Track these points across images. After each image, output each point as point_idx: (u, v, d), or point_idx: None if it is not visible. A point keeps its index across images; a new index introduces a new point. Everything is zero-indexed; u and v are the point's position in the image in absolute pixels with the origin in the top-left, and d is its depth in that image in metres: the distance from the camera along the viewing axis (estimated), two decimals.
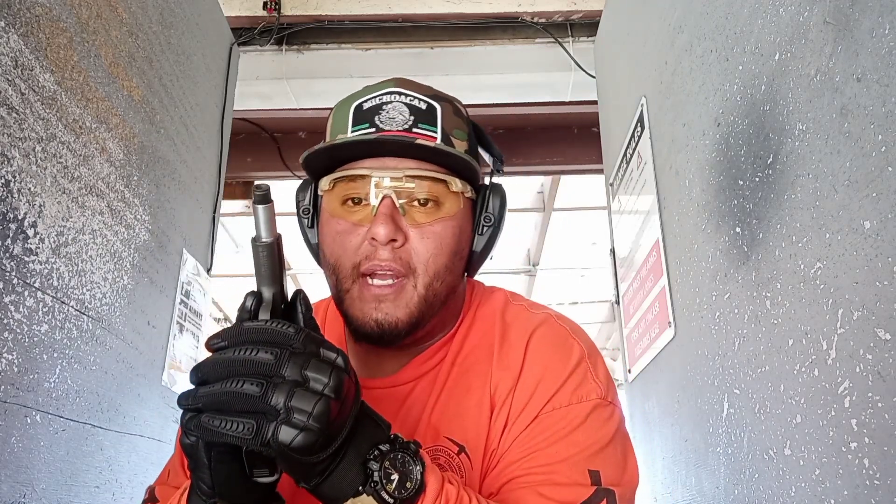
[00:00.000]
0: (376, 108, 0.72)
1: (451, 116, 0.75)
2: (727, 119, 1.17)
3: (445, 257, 0.72)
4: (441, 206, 0.72)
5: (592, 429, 0.69)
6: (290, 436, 0.48)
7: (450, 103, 0.76)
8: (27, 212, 1.19)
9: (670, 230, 1.47)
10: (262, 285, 0.58)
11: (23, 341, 1.18)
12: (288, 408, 0.49)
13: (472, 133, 0.80)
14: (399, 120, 0.71)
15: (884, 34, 0.76)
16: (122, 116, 1.55)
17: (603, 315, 5.80)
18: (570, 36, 2.59)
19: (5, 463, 1.13)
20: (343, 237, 0.72)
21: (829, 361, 0.87)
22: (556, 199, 3.94)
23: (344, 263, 0.72)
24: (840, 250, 0.84)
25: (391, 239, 0.69)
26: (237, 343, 0.52)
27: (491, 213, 0.78)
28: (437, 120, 0.73)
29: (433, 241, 0.71)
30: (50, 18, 1.28)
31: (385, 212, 0.69)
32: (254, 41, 2.59)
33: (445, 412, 0.74)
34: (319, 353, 0.52)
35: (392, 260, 0.70)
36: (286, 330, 0.52)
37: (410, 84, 0.76)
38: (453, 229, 0.73)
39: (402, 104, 0.72)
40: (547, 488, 0.65)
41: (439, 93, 0.77)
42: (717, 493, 1.22)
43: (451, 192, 0.73)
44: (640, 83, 1.70)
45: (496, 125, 3.26)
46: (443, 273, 0.72)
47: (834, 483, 0.86)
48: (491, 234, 0.78)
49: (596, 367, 0.75)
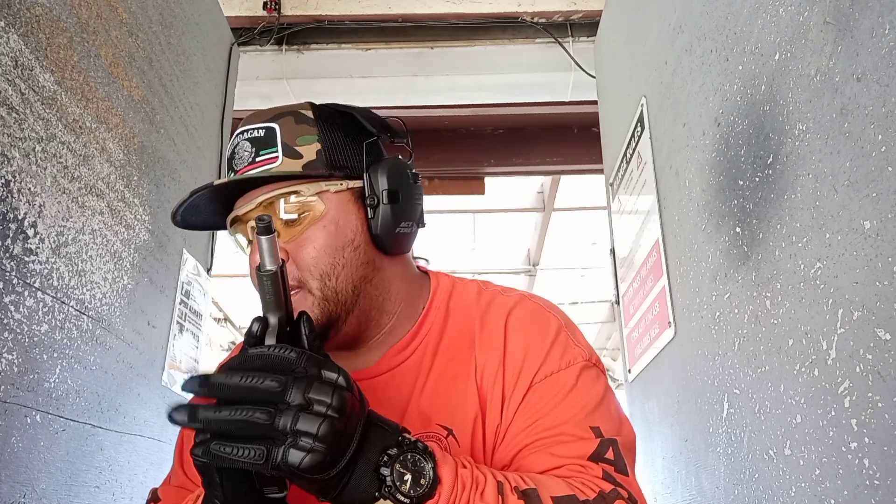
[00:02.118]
0: (231, 154, 0.78)
1: (292, 127, 0.77)
2: (727, 119, 1.17)
3: (329, 255, 0.75)
4: (306, 214, 0.75)
5: (584, 389, 0.74)
6: (298, 458, 0.52)
7: (291, 115, 0.78)
8: (27, 212, 1.19)
9: (670, 230, 1.47)
10: (267, 311, 0.61)
11: (23, 341, 1.18)
12: (294, 431, 0.52)
13: (337, 125, 0.80)
14: (245, 156, 0.76)
15: (884, 34, 0.76)
16: (122, 116, 1.55)
17: (603, 315, 5.80)
18: (570, 36, 2.59)
19: (5, 463, 1.13)
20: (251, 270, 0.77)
21: (829, 361, 0.87)
22: (556, 199, 3.94)
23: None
24: (840, 250, 0.84)
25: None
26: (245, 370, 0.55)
27: (373, 192, 0.78)
28: (277, 139, 0.76)
29: (306, 247, 0.75)
30: (50, 18, 1.28)
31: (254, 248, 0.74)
32: (254, 41, 2.59)
33: (435, 400, 0.77)
34: (321, 375, 0.55)
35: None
36: (288, 355, 0.55)
37: (254, 117, 0.79)
38: (325, 229, 0.76)
39: (245, 140, 0.77)
40: (557, 447, 0.69)
41: (282, 110, 0.79)
42: (717, 493, 1.22)
43: (309, 199, 0.75)
44: (640, 83, 1.70)
45: (496, 125, 3.26)
46: (330, 270, 0.75)
47: (834, 483, 0.86)
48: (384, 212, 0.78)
49: (575, 334, 0.80)
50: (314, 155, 0.76)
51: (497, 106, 2.91)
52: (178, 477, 0.84)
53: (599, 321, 5.90)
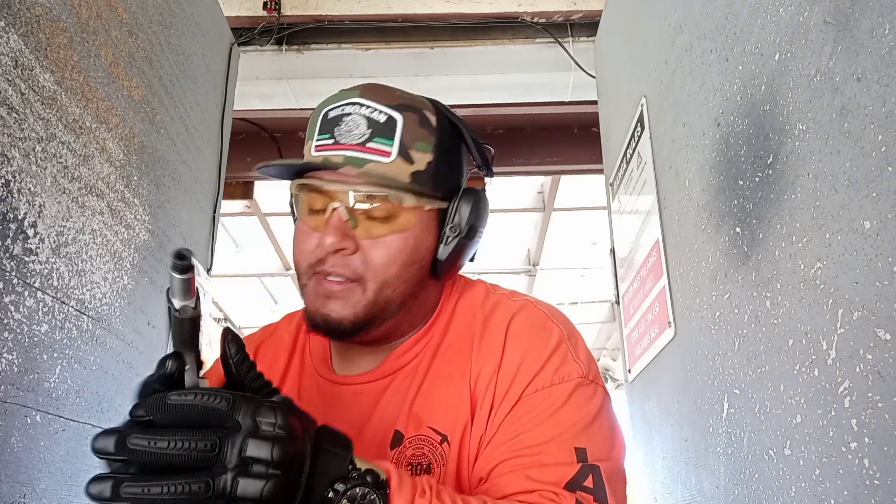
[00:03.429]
0: (337, 118, 0.73)
1: (414, 128, 0.74)
2: (727, 119, 1.17)
3: (396, 268, 0.73)
4: (393, 220, 0.73)
5: (576, 407, 0.71)
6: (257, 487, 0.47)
7: (416, 112, 0.75)
8: (27, 212, 1.19)
9: (670, 230, 1.47)
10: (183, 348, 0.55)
11: (23, 341, 1.18)
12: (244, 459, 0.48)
13: (449, 138, 0.78)
14: (355, 133, 0.71)
15: (884, 34, 0.76)
16: (122, 116, 1.55)
17: (603, 315, 5.80)
18: (570, 36, 2.59)
19: (5, 463, 1.13)
20: (302, 238, 0.75)
21: (829, 361, 0.87)
22: (556, 199, 3.94)
23: (301, 262, 0.75)
24: (840, 250, 0.84)
25: (338, 248, 0.72)
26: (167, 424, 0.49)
27: (457, 223, 0.77)
28: (396, 133, 0.72)
29: (382, 251, 0.73)
30: (50, 18, 1.28)
31: (333, 223, 0.71)
32: (254, 41, 2.59)
33: (427, 401, 0.75)
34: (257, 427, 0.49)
35: (340, 265, 0.72)
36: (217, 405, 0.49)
37: (377, 92, 0.75)
38: (405, 241, 0.74)
39: (361, 116, 0.72)
40: (534, 470, 0.66)
41: (407, 101, 0.76)
42: (717, 493, 1.22)
43: (403, 208, 0.73)
44: (640, 83, 1.70)
45: (496, 125, 3.26)
46: (394, 282, 0.74)
47: (834, 483, 0.86)
48: (457, 244, 0.78)
49: (576, 347, 0.76)
50: (424, 166, 0.73)
51: (497, 106, 2.91)
52: None
53: (599, 321, 5.90)
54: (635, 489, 1.85)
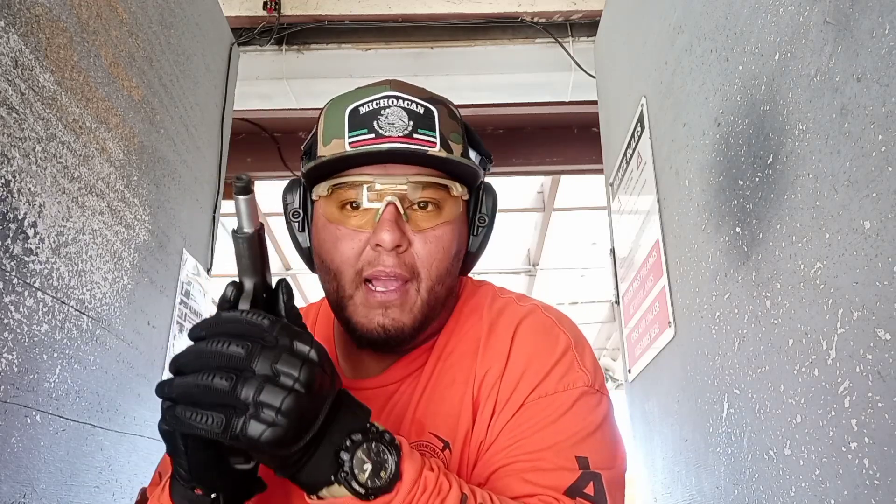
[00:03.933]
0: (374, 112, 0.71)
1: (448, 120, 0.75)
2: (727, 119, 1.17)
3: (448, 261, 0.73)
4: (442, 210, 0.73)
5: (579, 416, 0.70)
6: (258, 431, 0.49)
7: (445, 106, 0.76)
8: (27, 212, 1.19)
9: (670, 230, 1.47)
10: (243, 276, 0.58)
11: (23, 341, 1.18)
12: (257, 403, 0.49)
13: (468, 132, 0.80)
14: (399, 125, 0.70)
15: (884, 34, 0.76)
16: (122, 116, 1.55)
17: (603, 315, 5.80)
18: (570, 36, 2.59)
19: (5, 463, 1.13)
20: (343, 243, 0.71)
21: (829, 361, 0.87)
22: (556, 199, 3.94)
23: (346, 270, 0.71)
24: (840, 250, 0.84)
25: (396, 245, 0.69)
26: (213, 334, 0.52)
27: (485, 213, 0.79)
28: (436, 124, 0.72)
29: (436, 245, 0.71)
30: (50, 18, 1.28)
31: (390, 218, 0.69)
32: (254, 41, 2.59)
33: (429, 406, 0.74)
34: (293, 346, 0.52)
35: (396, 265, 0.70)
36: (261, 321, 0.52)
37: (405, 87, 0.75)
38: (453, 233, 0.74)
39: (401, 109, 0.72)
40: (533, 474, 0.65)
41: (433, 95, 0.77)
42: (717, 493, 1.22)
43: (451, 197, 0.73)
44: (640, 83, 1.70)
45: (496, 125, 3.26)
46: (444, 276, 0.73)
47: (834, 483, 0.86)
48: (485, 234, 0.79)
49: (583, 355, 0.75)
50: (459, 156, 0.73)
51: (497, 106, 2.91)
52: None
53: (599, 321, 5.90)
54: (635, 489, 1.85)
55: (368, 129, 0.71)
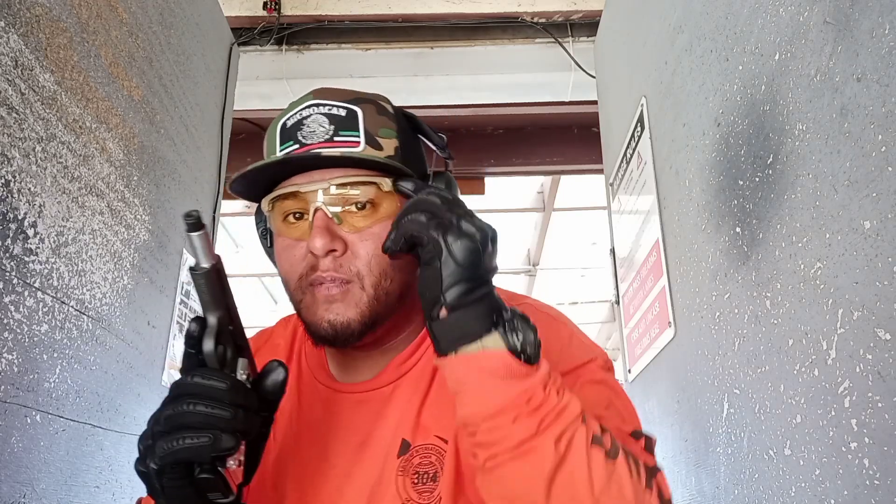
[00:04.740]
0: (297, 123, 0.73)
1: (375, 116, 0.75)
2: (727, 119, 1.17)
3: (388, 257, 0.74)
4: (377, 207, 0.73)
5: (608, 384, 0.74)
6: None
7: (371, 104, 0.77)
8: (27, 212, 1.19)
9: (670, 230, 1.47)
10: (206, 311, 0.60)
11: (23, 341, 1.18)
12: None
13: (406, 126, 0.80)
14: (319, 132, 0.72)
15: (884, 34, 0.76)
16: (122, 116, 1.55)
17: (603, 315, 5.80)
18: (570, 36, 2.59)
19: (5, 463, 1.13)
20: (288, 252, 0.74)
21: (829, 361, 0.87)
22: (556, 199, 3.94)
23: (292, 277, 0.74)
24: (840, 250, 0.84)
25: (329, 250, 0.71)
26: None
27: None
28: (360, 124, 0.73)
29: (372, 242, 0.72)
30: (50, 18, 1.28)
31: (319, 224, 0.70)
32: (254, 41, 2.59)
33: (434, 410, 0.75)
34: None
35: (334, 269, 0.71)
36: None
37: (329, 93, 0.76)
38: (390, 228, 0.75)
39: (321, 115, 0.73)
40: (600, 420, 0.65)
41: (360, 95, 0.77)
42: (717, 493, 1.22)
43: (384, 193, 0.73)
44: (640, 83, 1.70)
45: (496, 125, 3.26)
46: (390, 271, 0.73)
47: (834, 483, 0.86)
48: None
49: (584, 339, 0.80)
50: (393, 151, 0.74)
51: (497, 106, 2.91)
52: None
53: (599, 321, 5.90)
54: None
55: (293, 140, 0.73)
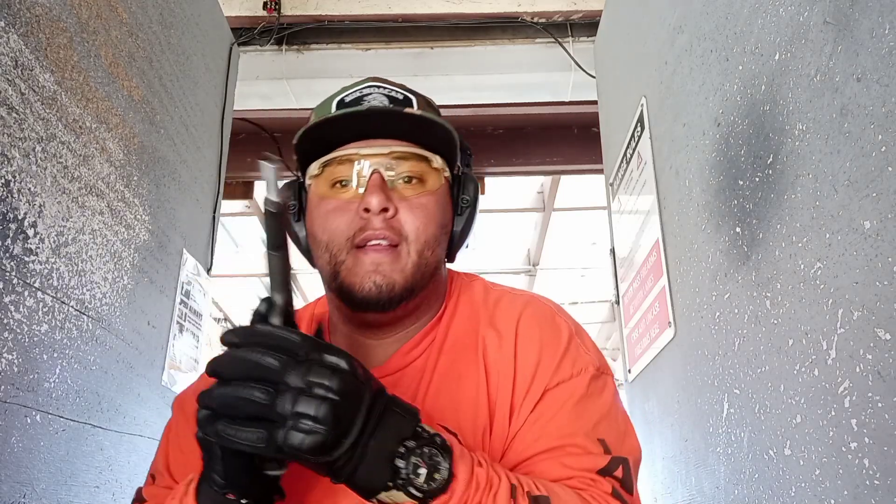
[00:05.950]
0: (358, 99, 0.77)
1: (426, 107, 0.80)
2: (727, 119, 1.17)
3: (434, 227, 0.76)
4: (425, 181, 0.77)
5: (593, 399, 0.74)
6: (298, 440, 0.52)
7: (422, 97, 0.81)
8: (27, 212, 1.19)
9: (670, 230, 1.47)
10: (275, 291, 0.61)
11: (23, 341, 1.18)
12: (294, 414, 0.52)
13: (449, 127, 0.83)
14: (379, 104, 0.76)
15: (884, 34, 0.76)
16: (122, 116, 1.55)
17: (603, 315, 5.80)
18: (570, 36, 2.59)
19: (5, 463, 1.13)
20: (335, 214, 0.75)
21: (829, 361, 0.87)
22: (556, 199, 3.94)
23: (337, 238, 0.75)
24: (840, 250, 0.84)
25: (383, 208, 0.73)
26: (247, 343, 0.55)
27: (467, 196, 0.82)
28: (415, 108, 0.77)
29: (421, 211, 0.75)
30: (50, 18, 1.28)
31: (376, 183, 0.73)
32: (254, 41, 2.59)
33: (439, 400, 0.76)
34: (322, 359, 0.55)
35: (385, 228, 0.73)
36: (292, 336, 0.56)
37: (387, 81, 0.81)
38: (437, 203, 0.77)
39: (383, 94, 0.77)
40: (567, 459, 0.69)
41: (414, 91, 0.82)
42: (717, 493, 1.22)
43: (433, 169, 0.77)
44: (640, 83, 1.70)
45: (496, 125, 3.26)
46: (432, 242, 0.76)
47: (834, 483, 0.86)
48: (468, 217, 0.82)
49: (584, 341, 0.80)
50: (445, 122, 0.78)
51: (497, 106, 2.91)
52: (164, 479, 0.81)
53: (599, 321, 5.90)
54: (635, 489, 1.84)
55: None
